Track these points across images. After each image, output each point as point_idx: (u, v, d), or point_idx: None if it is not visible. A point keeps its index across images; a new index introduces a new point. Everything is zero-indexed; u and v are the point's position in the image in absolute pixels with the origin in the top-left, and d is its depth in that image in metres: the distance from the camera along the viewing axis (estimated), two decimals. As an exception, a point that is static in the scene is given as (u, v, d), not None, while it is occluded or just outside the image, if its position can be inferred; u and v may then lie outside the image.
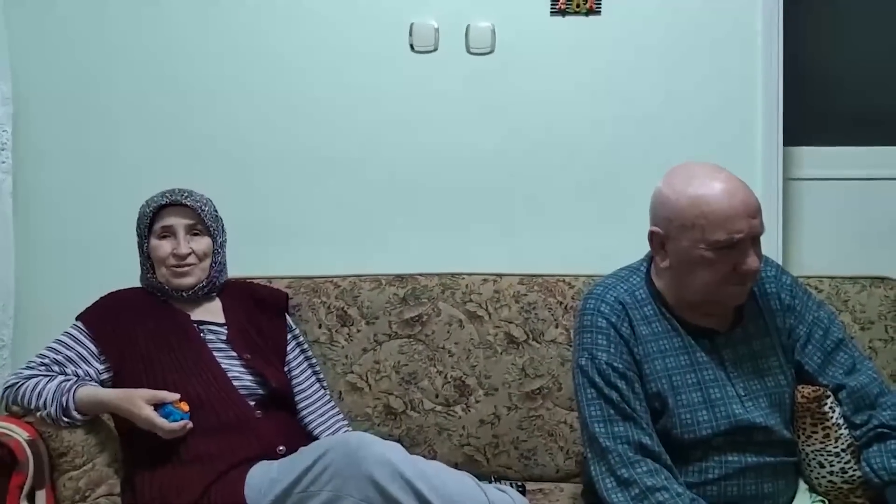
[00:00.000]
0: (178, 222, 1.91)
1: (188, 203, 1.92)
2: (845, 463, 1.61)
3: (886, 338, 2.07)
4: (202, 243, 1.93)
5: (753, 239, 1.54)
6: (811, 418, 1.62)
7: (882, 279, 2.10)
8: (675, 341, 1.61)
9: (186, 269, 1.91)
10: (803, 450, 1.64)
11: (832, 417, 1.61)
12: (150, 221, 1.92)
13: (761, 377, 1.62)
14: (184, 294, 1.93)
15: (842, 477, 1.62)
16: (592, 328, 1.61)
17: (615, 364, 1.57)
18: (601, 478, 1.53)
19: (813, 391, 1.62)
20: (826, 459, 1.62)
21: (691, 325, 1.62)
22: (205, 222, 1.94)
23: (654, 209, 1.61)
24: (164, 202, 1.92)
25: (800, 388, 1.64)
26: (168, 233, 1.91)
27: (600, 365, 1.57)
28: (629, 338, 1.60)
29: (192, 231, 1.93)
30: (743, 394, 1.60)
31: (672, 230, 1.56)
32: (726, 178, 1.54)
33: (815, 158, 2.41)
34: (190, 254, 1.91)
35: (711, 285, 1.55)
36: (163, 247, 1.91)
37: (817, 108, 2.44)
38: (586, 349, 1.60)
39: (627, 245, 2.31)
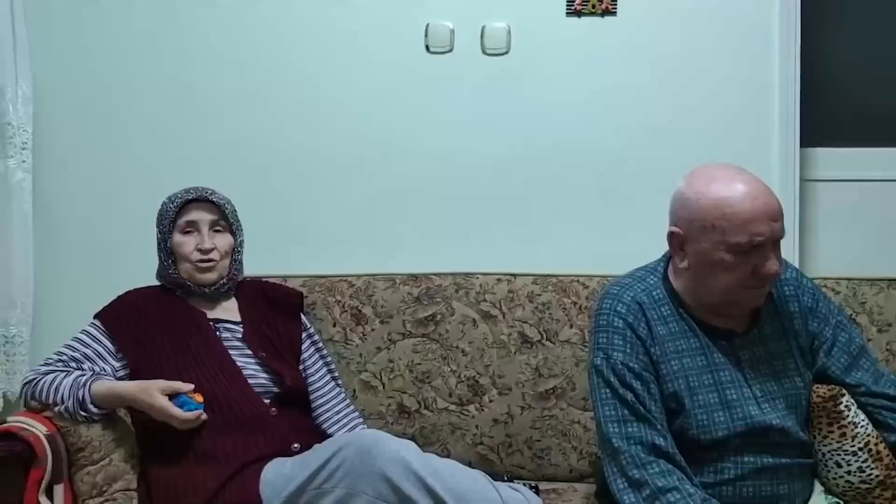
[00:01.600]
0: (203, 217, 1.93)
1: (212, 199, 1.94)
2: (863, 462, 1.60)
3: (904, 340, 2.06)
4: (224, 240, 1.95)
5: (774, 242, 1.53)
6: (827, 418, 1.61)
7: (901, 281, 2.09)
8: (692, 342, 1.60)
9: (210, 264, 1.93)
10: (819, 450, 1.63)
11: (848, 416, 1.61)
12: (174, 217, 1.93)
13: (778, 379, 1.61)
14: (206, 290, 1.94)
15: (859, 476, 1.61)
16: (608, 328, 1.61)
17: (631, 364, 1.57)
18: (613, 478, 1.53)
19: (828, 390, 1.61)
20: (843, 459, 1.61)
21: (708, 326, 1.62)
22: (227, 219, 1.96)
23: (675, 209, 1.60)
24: (189, 197, 1.93)
25: (815, 387, 1.64)
26: (192, 228, 1.93)
27: (616, 365, 1.57)
28: (646, 338, 1.59)
29: (215, 227, 1.94)
30: (759, 395, 1.59)
31: (692, 231, 1.55)
32: (748, 180, 1.53)
33: (831, 159, 2.39)
34: (213, 249, 1.92)
35: (730, 287, 1.54)
36: (187, 242, 1.92)
37: (834, 109, 2.42)
38: (602, 349, 1.60)
39: (642, 248, 2.31)
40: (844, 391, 1.63)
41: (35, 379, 1.81)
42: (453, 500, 1.53)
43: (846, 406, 1.61)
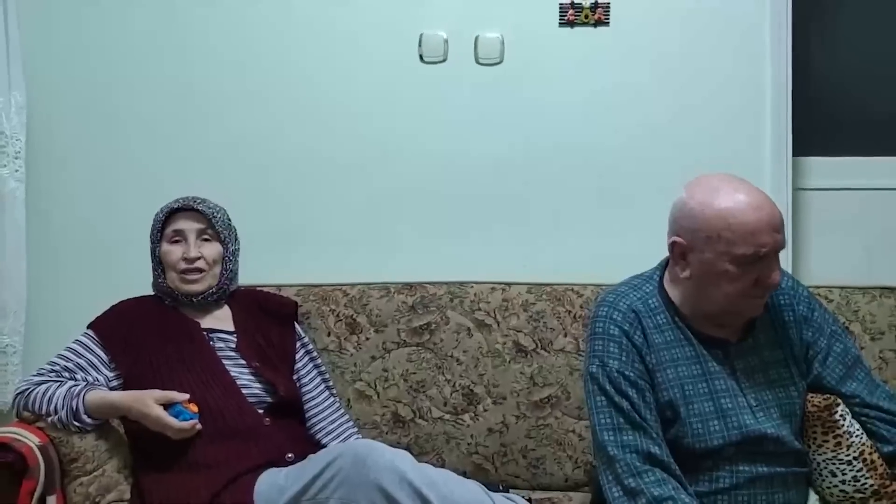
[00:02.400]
0: (189, 227, 1.93)
1: (200, 208, 1.93)
2: (857, 471, 1.60)
3: (897, 348, 2.07)
4: (212, 249, 1.94)
5: (776, 253, 1.54)
6: (822, 427, 1.61)
7: (892, 289, 2.10)
8: (688, 350, 1.61)
9: (196, 275, 1.92)
10: (814, 459, 1.64)
11: (843, 425, 1.61)
12: (162, 226, 1.93)
13: (772, 388, 1.62)
14: (193, 300, 1.94)
15: (854, 486, 1.61)
16: (604, 335, 1.61)
17: (626, 372, 1.57)
18: (608, 486, 1.53)
19: (823, 400, 1.62)
20: (838, 468, 1.61)
21: (703, 335, 1.62)
22: (215, 228, 1.95)
23: (677, 219, 1.60)
24: (176, 206, 1.94)
25: (810, 397, 1.64)
26: (179, 237, 1.93)
27: (611, 373, 1.57)
28: (641, 346, 1.59)
29: (203, 236, 1.94)
30: (754, 404, 1.59)
31: (696, 241, 1.55)
32: (751, 191, 1.54)
33: (824, 168, 2.40)
34: (199, 258, 1.92)
35: (733, 297, 1.55)
36: (173, 251, 1.92)
37: (827, 117, 2.43)
38: (597, 356, 1.60)
39: (640, 250, 2.30)
40: (839, 401, 1.63)
41: (28, 389, 1.80)
42: (448, 511, 1.53)
43: (841, 416, 1.62)
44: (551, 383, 2.11)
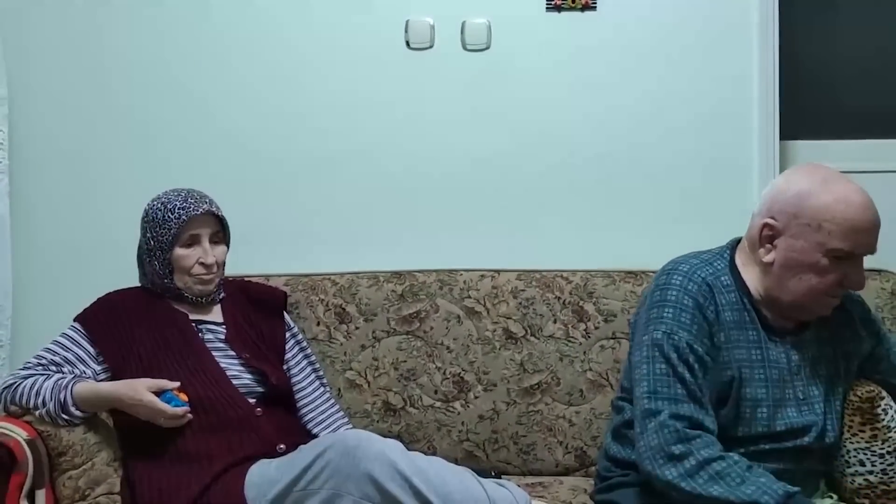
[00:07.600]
0: (205, 231, 1.90)
1: (216, 212, 1.91)
2: (888, 465, 1.61)
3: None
4: (221, 251, 1.94)
5: (864, 256, 1.52)
6: (861, 417, 1.61)
7: (879, 271, 2.10)
8: (752, 334, 1.57)
9: (211, 276, 1.91)
10: (845, 445, 1.63)
11: (883, 420, 1.60)
12: (178, 230, 1.87)
13: (819, 384, 1.60)
14: (202, 300, 1.93)
15: (880, 478, 1.61)
16: (677, 304, 1.55)
17: (695, 346, 1.52)
18: (651, 454, 1.47)
19: (867, 392, 1.61)
20: (868, 459, 1.61)
21: (767, 322, 1.59)
22: (225, 231, 1.94)
23: (776, 202, 1.55)
24: (198, 212, 1.88)
25: (855, 386, 1.63)
26: (194, 241, 1.90)
27: (679, 343, 1.51)
28: (713, 322, 1.55)
29: (214, 239, 1.92)
30: (801, 398, 1.58)
31: (792, 227, 1.52)
32: (860, 190, 1.51)
33: (811, 152, 2.41)
34: (214, 262, 1.91)
35: (812, 291, 1.52)
36: (189, 255, 1.88)
37: (814, 101, 2.44)
38: (665, 323, 1.54)
39: (625, 242, 2.30)
40: (884, 394, 1.62)
41: (15, 383, 1.79)
42: (439, 500, 1.53)
43: (883, 409, 1.61)
44: (541, 369, 2.12)
